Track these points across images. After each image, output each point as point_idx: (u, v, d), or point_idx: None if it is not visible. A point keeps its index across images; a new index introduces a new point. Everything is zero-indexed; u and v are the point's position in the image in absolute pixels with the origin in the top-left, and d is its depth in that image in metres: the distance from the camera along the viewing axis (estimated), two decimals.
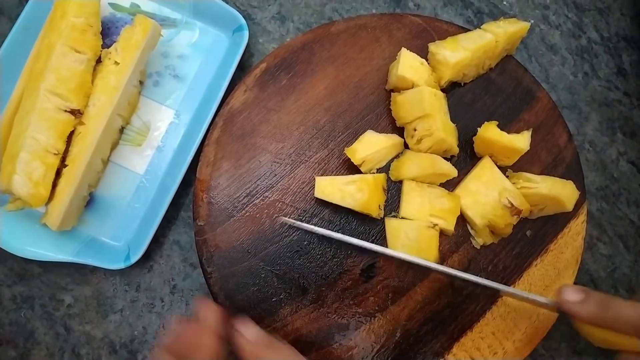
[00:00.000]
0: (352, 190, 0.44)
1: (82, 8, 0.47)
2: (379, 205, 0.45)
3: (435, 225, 0.44)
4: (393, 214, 0.46)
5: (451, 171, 0.44)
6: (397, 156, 0.48)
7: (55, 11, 0.47)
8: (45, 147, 0.44)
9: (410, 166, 0.46)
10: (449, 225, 0.45)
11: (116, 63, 0.47)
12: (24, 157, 0.43)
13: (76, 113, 0.46)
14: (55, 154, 0.45)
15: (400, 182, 0.47)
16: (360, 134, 0.47)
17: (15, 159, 0.42)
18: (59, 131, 0.45)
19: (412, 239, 0.44)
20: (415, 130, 0.46)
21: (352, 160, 0.45)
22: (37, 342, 0.47)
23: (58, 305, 0.48)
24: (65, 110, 0.46)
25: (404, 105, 0.46)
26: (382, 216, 0.46)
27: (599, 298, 0.37)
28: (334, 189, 0.44)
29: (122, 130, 0.50)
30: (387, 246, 0.45)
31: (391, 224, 0.45)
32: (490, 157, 0.47)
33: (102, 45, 0.48)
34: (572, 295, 0.37)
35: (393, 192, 0.47)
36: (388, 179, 0.47)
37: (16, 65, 0.48)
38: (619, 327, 0.36)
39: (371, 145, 0.46)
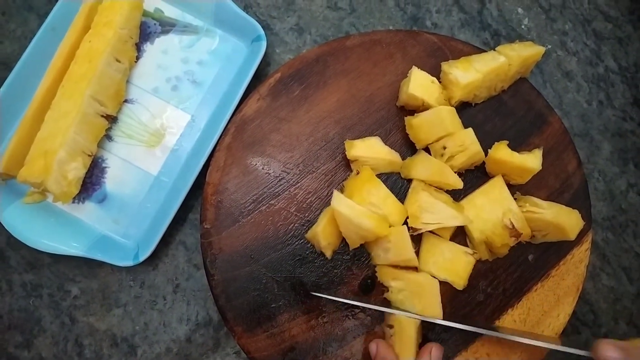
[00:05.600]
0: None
1: (128, 21, 0.50)
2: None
3: (474, 253, 0.45)
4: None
5: (457, 183, 0.44)
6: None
7: (99, 17, 0.50)
8: (82, 148, 0.47)
9: (421, 168, 0.46)
10: (446, 233, 0.45)
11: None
12: (62, 157, 0.45)
13: (109, 118, 0.49)
14: (89, 155, 0.48)
15: (409, 180, 0.48)
16: None
17: (52, 156, 0.44)
18: (94, 134, 0.48)
19: (446, 259, 0.45)
20: (445, 148, 0.46)
21: (346, 153, 0.46)
22: (43, 329, 0.49)
23: (65, 296, 0.50)
24: (102, 115, 0.48)
25: (423, 127, 0.46)
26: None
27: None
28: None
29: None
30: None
31: (429, 240, 0.45)
32: (503, 176, 0.47)
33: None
34: (613, 353, 0.34)
35: (402, 195, 0.47)
36: (397, 180, 0.48)
37: (41, 64, 0.49)
38: None
39: (371, 150, 0.46)
